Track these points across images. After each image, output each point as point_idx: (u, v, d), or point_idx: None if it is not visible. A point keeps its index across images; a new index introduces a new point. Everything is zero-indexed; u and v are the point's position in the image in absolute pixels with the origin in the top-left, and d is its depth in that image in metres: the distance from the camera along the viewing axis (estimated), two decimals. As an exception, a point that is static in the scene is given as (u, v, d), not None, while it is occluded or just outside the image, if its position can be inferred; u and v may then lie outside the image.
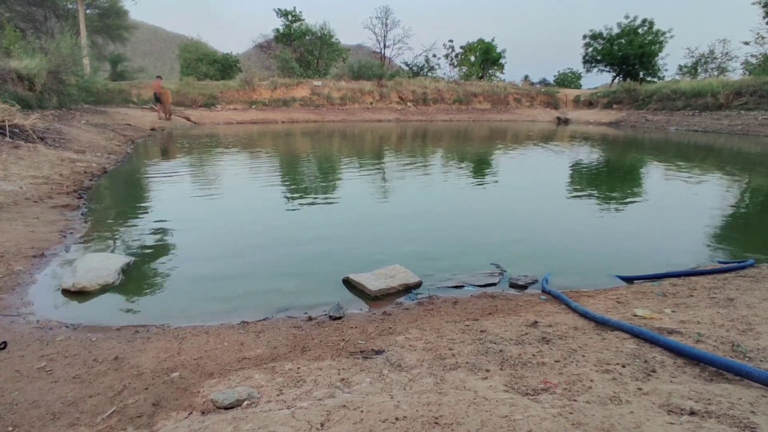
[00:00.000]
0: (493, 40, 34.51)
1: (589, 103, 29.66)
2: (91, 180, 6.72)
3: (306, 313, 2.92)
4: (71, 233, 4.32)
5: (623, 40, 31.35)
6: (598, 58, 33.15)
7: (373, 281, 3.26)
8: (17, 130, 7.82)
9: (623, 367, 1.97)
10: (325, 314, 2.88)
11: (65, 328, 2.61)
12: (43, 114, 10.66)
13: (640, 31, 31.08)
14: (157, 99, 18.73)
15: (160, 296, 3.21)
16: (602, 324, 2.53)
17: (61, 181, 6.13)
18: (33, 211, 4.76)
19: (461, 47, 36.00)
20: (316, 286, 3.40)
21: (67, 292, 3.08)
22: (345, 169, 9.37)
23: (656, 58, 31.54)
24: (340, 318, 2.83)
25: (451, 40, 36.90)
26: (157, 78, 19.73)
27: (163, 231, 4.63)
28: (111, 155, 9.11)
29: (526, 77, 37.40)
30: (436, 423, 1.46)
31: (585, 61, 34.49)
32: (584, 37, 33.60)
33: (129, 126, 14.22)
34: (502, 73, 36.51)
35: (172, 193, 6.54)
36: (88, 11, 27.20)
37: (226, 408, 1.79)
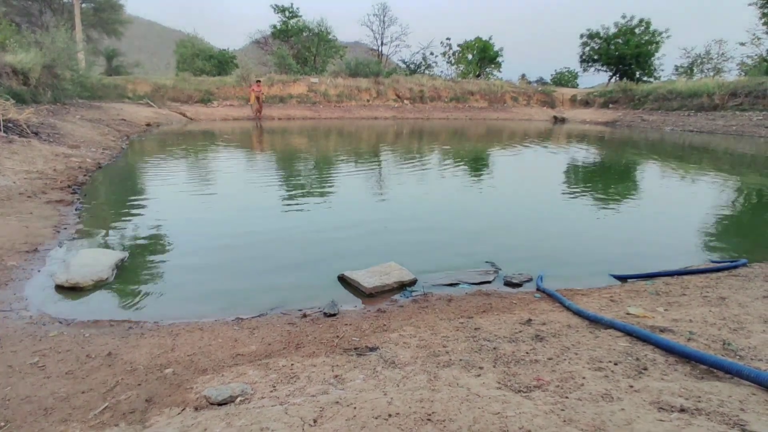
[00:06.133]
0: (490, 38, 34.49)
1: (586, 103, 29.71)
2: (85, 175, 6.68)
3: (300, 309, 2.92)
4: (65, 228, 4.30)
5: (620, 40, 31.39)
6: (595, 57, 33.17)
7: (368, 278, 3.27)
8: (11, 125, 7.76)
9: (615, 364, 1.98)
10: (320, 311, 2.89)
11: (58, 324, 2.59)
12: (38, 109, 10.57)
13: (636, 31, 31.12)
14: (258, 100, 20.24)
15: (154, 292, 3.19)
16: (595, 322, 2.54)
17: (55, 176, 6.09)
18: (27, 206, 4.73)
19: (458, 45, 36.00)
20: (311, 282, 3.40)
21: (60, 288, 3.06)
22: (341, 166, 9.37)
23: (652, 58, 31.61)
24: (334, 315, 2.83)
25: (448, 38, 36.91)
26: (257, 82, 21.07)
27: (158, 227, 4.61)
28: (106, 150, 9.06)
29: (523, 76, 37.26)
30: (429, 419, 1.47)
31: (582, 61, 34.51)
32: (581, 36, 33.62)
33: (124, 121, 14.13)
34: (499, 71, 36.49)
35: (166, 189, 6.52)
36: (83, 5, 26.97)
37: (219, 404, 1.79)
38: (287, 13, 32.17)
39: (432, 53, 38.15)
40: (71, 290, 3.06)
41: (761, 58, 26.61)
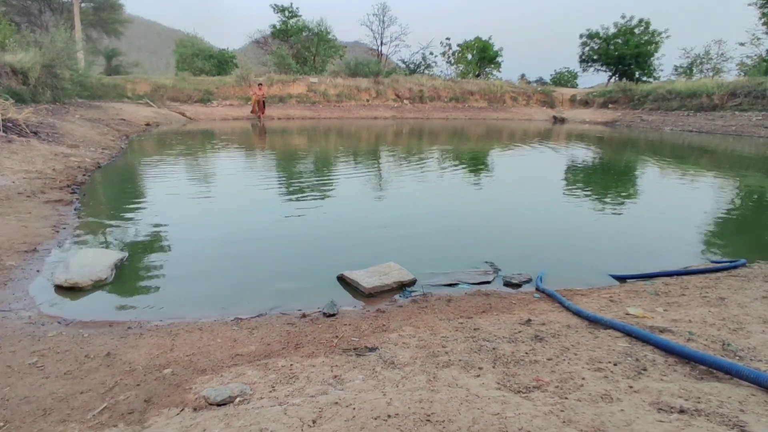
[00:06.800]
0: (490, 38, 34.50)
1: (585, 103, 29.70)
2: (84, 175, 6.67)
3: (300, 309, 2.92)
4: (64, 228, 4.29)
5: (619, 40, 31.40)
6: (595, 57, 33.17)
7: (367, 278, 3.26)
8: (10, 125, 7.75)
9: (615, 365, 1.98)
10: (319, 311, 2.88)
11: (57, 324, 2.59)
12: (37, 108, 10.56)
13: (636, 31, 31.12)
14: (260, 103, 20.31)
15: (153, 292, 3.19)
16: (595, 322, 2.54)
17: (54, 176, 6.08)
18: (26, 206, 4.73)
19: (458, 45, 36.00)
20: (310, 283, 3.39)
21: (59, 288, 3.06)
22: (340, 167, 9.36)
23: (652, 58, 31.63)
24: (333, 315, 2.83)
25: (448, 38, 36.95)
26: (259, 85, 20.97)
27: (157, 227, 4.61)
28: (105, 150, 9.05)
29: (522, 76, 37.27)
30: (428, 420, 1.47)
31: (581, 61, 34.50)
32: (581, 36, 33.61)
33: (123, 121, 14.12)
34: (499, 71, 36.49)
35: (166, 189, 6.51)
36: (82, 5, 26.98)
37: (218, 404, 1.79)
38: (287, 13, 32.15)
39: (431, 53, 38.33)
40: (70, 290, 3.05)
41: (761, 59, 26.60)
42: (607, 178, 8.97)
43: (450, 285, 3.40)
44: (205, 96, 23.15)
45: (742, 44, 27.67)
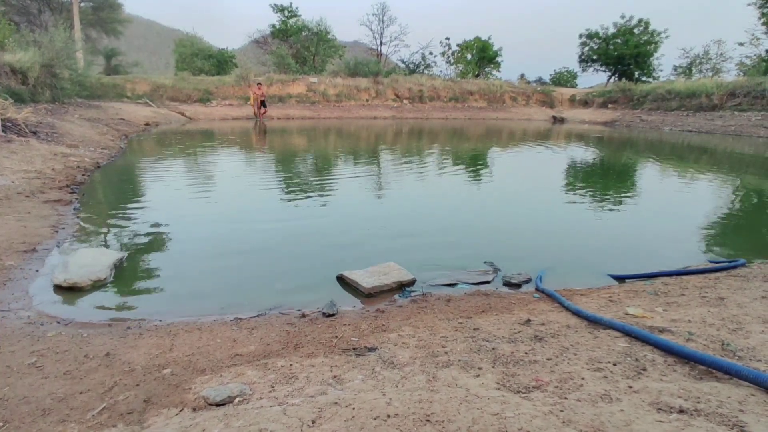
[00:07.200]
0: (489, 38, 34.54)
1: (585, 103, 29.74)
2: (83, 175, 6.66)
3: (299, 309, 2.92)
4: (63, 228, 4.29)
5: (619, 40, 31.44)
6: (594, 57, 33.21)
7: (366, 278, 3.26)
8: (10, 124, 7.75)
9: (614, 365, 1.98)
10: (319, 311, 2.88)
11: (56, 324, 2.59)
12: (36, 108, 10.55)
13: (635, 31, 31.18)
14: (262, 103, 20.14)
15: (152, 292, 3.19)
16: (594, 322, 2.54)
17: (53, 176, 6.08)
18: (25, 205, 4.72)
19: (458, 45, 36.02)
20: (309, 283, 3.39)
21: (58, 288, 3.06)
22: (340, 167, 9.36)
23: (651, 58, 31.67)
24: (333, 315, 2.82)
25: (447, 38, 36.89)
26: (258, 85, 20.71)
27: (157, 227, 4.61)
28: (104, 150, 9.04)
29: (522, 76, 37.31)
30: (428, 420, 1.47)
31: (581, 61, 34.55)
32: (580, 36, 33.66)
33: (123, 121, 14.11)
34: (499, 71, 36.53)
35: (165, 189, 6.51)
36: (82, 4, 27.00)
37: (218, 405, 1.79)
38: (286, 13, 32.15)
39: (431, 53, 38.31)
40: (69, 290, 3.05)
41: (760, 59, 26.63)
42: (606, 177, 8.97)
43: (449, 285, 3.40)
44: (205, 96, 23.15)
45: (741, 44, 27.70)
